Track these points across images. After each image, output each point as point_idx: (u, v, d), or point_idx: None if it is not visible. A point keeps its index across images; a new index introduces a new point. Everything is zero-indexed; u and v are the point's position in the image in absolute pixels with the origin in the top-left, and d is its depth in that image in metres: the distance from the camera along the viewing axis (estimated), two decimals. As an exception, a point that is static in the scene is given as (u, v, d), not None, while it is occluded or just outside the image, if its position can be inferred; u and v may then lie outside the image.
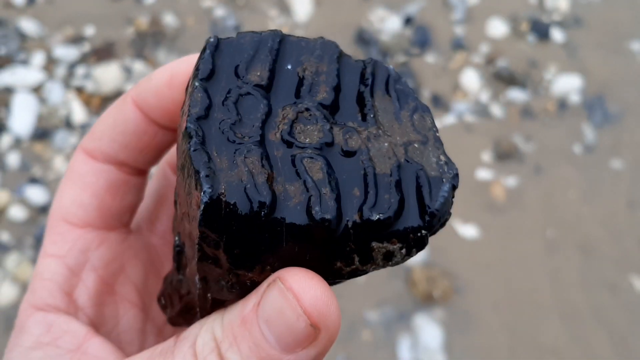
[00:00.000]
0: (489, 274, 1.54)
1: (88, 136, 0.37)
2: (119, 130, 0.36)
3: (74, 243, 0.35)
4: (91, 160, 0.37)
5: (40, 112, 1.73)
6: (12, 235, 1.59)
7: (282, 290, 0.26)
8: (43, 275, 0.35)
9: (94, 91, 1.75)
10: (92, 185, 0.36)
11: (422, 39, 1.83)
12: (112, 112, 0.37)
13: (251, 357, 0.26)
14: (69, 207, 0.36)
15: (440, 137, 0.33)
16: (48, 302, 0.34)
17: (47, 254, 0.35)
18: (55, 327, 0.33)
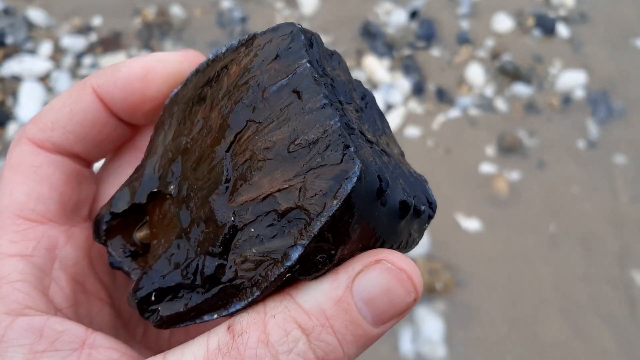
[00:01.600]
0: (491, 268, 1.55)
1: (34, 125, 0.34)
2: (75, 120, 0.34)
3: (39, 241, 0.32)
4: (43, 151, 0.34)
5: (47, 101, 1.75)
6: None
7: (392, 270, 0.28)
8: (10, 277, 0.31)
9: (100, 81, 1.76)
10: (49, 177, 0.34)
11: (427, 32, 1.83)
12: (66, 101, 0.34)
13: (347, 335, 0.28)
14: (25, 202, 0.33)
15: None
16: (28, 305, 0.30)
17: (7, 254, 0.31)
18: (48, 329, 0.30)
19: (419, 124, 1.71)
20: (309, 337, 0.27)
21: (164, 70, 0.34)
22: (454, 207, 1.60)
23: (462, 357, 1.46)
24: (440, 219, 1.58)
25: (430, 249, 1.55)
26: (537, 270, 1.55)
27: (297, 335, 0.27)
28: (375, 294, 0.28)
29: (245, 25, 1.86)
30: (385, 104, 1.73)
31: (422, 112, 1.73)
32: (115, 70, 0.34)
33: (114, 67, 0.34)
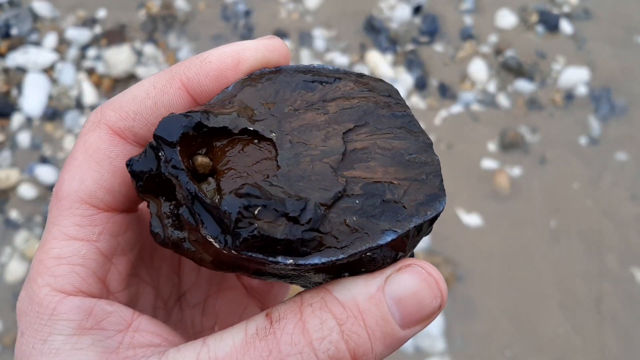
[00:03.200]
0: (491, 263, 1.56)
1: (115, 112, 0.34)
2: (158, 113, 0.34)
3: (104, 227, 0.33)
4: (121, 141, 0.34)
5: (52, 92, 1.75)
6: (21, 213, 1.61)
7: (422, 274, 0.31)
8: (71, 259, 0.32)
9: (104, 73, 1.77)
10: (122, 171, 0.34)
11: (431, 27, 1.83)
12: (151, 92, 0.34)
13: (376, 331, 0.30)
14: (95, 191, 0.33)
15: None
16: (81, 289, 0.32)
17: (71, 237, 0.32)
18: (97, 310, 0.32)
19: (421, 119, 1.71)
20: (341, 327, 0.29)
21: (254, 58, 0.35)
22: (455, 202, 1.61)
23: (461, 351, 1.47)
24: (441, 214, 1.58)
25: (430, 244, 1.56)
26: (538, 265, 1.56)
27: (332, 324, 0.29)
28: (404, 295, 0.30)
29: (249, 19, 1.86)
30: (388, 98, 1.73)
31: (424, 107, 1.73)
32: (204, 61, 0.34)
33: (201, 58, 0.35)
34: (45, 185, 1.64)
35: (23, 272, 1.54)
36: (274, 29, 1.85)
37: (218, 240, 0.29)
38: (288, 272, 0.31)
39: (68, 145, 1.69)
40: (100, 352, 0.31)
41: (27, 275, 0.33)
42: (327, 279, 0.32)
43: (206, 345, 0.30)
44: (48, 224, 0.33)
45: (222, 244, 0.29)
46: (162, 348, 0.32)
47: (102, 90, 1.76)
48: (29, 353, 0.31)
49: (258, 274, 0.32)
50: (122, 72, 1.75)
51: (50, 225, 0.33)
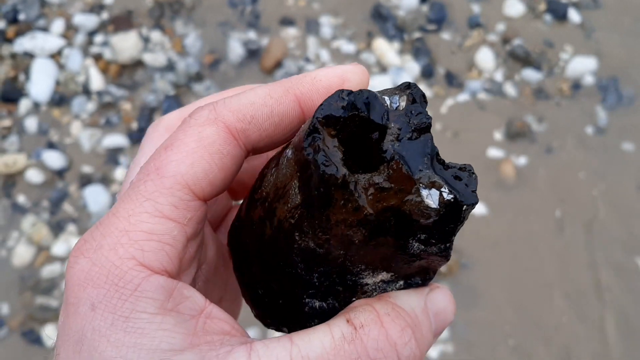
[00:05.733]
0: (496, 251, 1.56)
1: (232, 113, 0.35)
2: (272, 121, 0.36)
3: (195, 213, 0.34)
4: (233, 140, 0.35)
5: (59, 78, 1.76)
6: (28, 198, 1.62)
7: (449, 295, 0.37)
8: (163, 238, 0.32)
9: (111, 59, 1.77)
10: (228, 168, 0.35)
11: (438, 15, 1.82)
12: (268, 100, 0.36)
13: (425, 337, 0.35)
14: (200, 180, 0.34)
15: None
16: (166, 269, 0.32)
17: (166, 215, 0.33)
18: (177, 293, 0.32)
19: (427, 108, 1.71)
20: (414, 334, 0.34)
21: (355, 80, 0.37)
22: (461, 190, 1.61)
23: (464, 338, 1.48)
24: (446, 202, 1.58)
25: (435, 232, 1.56)
26: (542, 254, 1.56)
27: (409, 332, 0.34)
28: (439, 310, 0.37)
29: (256, 6, 1.86)
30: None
31: (431, 96, 1.73)
32: (315, 79, 0.36)
33: (310, 76, 0.37)
34: (52, 170, 1.64)
35: (30, 257, 1.55)
36: (281, 16, 1.85)
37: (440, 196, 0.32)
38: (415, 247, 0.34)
39: (75, 130, 1.70)
40: (184, 334, 0.31)
41: (92, 243, 0.32)
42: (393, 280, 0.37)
43: (295, 345, 0.32)
44: (137, 195, 0.33)
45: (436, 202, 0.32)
46: (234, 338, 0.33)
47: (108, 76, 1.76)
48: (105, 330, 0.30)
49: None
50: (129, 59, 1.76)
51: (142, 199, 0.33)
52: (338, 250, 0.33)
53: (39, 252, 1.56)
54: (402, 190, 0.32)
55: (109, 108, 1.73)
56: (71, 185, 1.63)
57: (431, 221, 0.32)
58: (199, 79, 1.75)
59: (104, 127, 1.71)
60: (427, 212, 0.31)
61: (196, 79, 1.75)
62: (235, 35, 1.81)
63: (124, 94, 1.74)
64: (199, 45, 1.80)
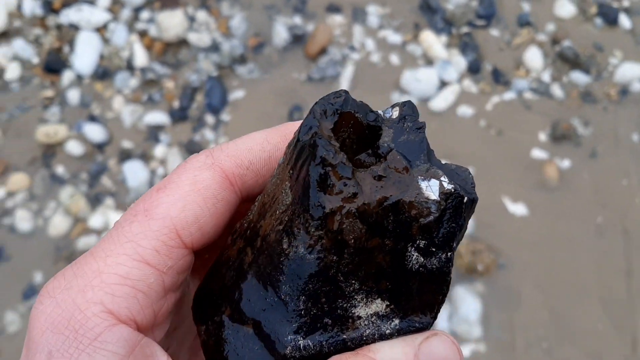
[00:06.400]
0: (534, 253, 1.54)
1: (230, 159, 0.35)
2: (270, 166, 0.35)
3: (177, 262, 0.32)
4: (229, 186, 0.34)
5: (103, 52, 1.76)
6: (67, 169, 1.62)
7: (448, 341, 0.32)
8: (137, 285, 0.30)
9: (156, 36, 1.76)
10: (220, 215, 0.34)
11: (488, 11, 1.80)
12: (265, 146, 0.35)
13: None
14: (190, 225, 0.32)
15: None
16: (135, 319, 0.30)
17: (145, 260, 0.31)
18: (139, 350, 0.30)
19: (472, 104, 1.69)
20: None
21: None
22: (502, 190, 1.59)
23: (498, 339, 1.46)
24: (486, 200, 1.56)
25: (474, 230, 1.54)
26: (581, 259, 1.54)
27: None
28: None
29: (303, -9, 1.85)
30: (440, 80, 1.71)
31: (476, 92, 1.71)
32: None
33: None
34: (93, 143, 1.64)
35: (66, 227, 1.55)
36: (328, 2, 1.83)
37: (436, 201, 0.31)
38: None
39: (117, 105, 1.70)
40: None
41: (62, 283, 0.30)
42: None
43: None
44: (120, 236, 0.31)
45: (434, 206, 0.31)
46: None
47: (152, 54, 1.76)
48: None
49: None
50: (173, 37, 1.75)
51: (124, 239, 0.31)
52: (330, 256, 0.31)
53: (75, 223, 1.56)
54: (401, 182, 0.31)
55: (151, 85, 1.73)
56: (111, 160, 1.63)
57: (431, 219, 0.30)
58: (242, 61, 1.74)
59: (145, 103, 1.70)
60: (427, 206, 0.30)
61: (240, 61, 1.74)
62: (280, 20, 1.80)
63: (167, 72, 1.74)
64: (244, 28, 1.79)
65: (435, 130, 1.65)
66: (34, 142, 1.64)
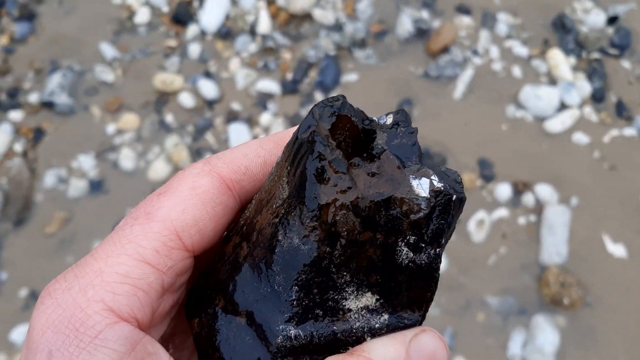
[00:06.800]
0: (624, 298, 1.47)
1: (227, 165, 0.36)
2: (265, 171, 0.37)
3: (176, 263, 0.33)
4: (227, 191, 0.35)
5: (230, 12, 1.79)
6: (176, 119, 1.67)
7: (437, 338, 0.33)
8: (137, 283, 0.31)
9: (283, 6, 1.78)
10: (219, 218, 0.35)
11: (623, 41, 1.72)
12: (260, 152, 0.37)
13: None
14: (189, 227, 0.33)
15: None
16: (136, 316, 0.31)
17: (146, 260, 0.32)
18: (141, 347, 0.30)
19: (589, 133, 1.62)
20: None
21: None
22: (603, 226, 1.52)
23: (570, 377, 1.41)
24: (585, 234, 1.50)
25: (567, 261, 1.48)
26: (675, 316, 1.46)
27: None
28: (425, 357, 0.33)
29: (436, -13, 1.81)
30: (560, 102, 1.64)
31: (596, 121, 1.64)
32: None
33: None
34: (204, 98, 1.68)
35: (166, 174, 1.60)
36: (458, 2, 1.79)
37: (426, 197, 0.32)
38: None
39: (233, 66, 1.73)
40: None
41: (63, 284, 0.31)
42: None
43: None
44: (121, 238, 0.32)
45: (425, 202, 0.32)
46: None
47: (276, 22, 1.78)
48: None
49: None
50: (299, 9, 1.76)
51: (125, 241, 0.32)
52: (324, 247, 0.31)
53: (174, 171, 1.60)
54: (393, 180, 0.32)
55: (269, 53, 1.75)
56: (218, 118, 1.67)
57: (421, 215, 0.31)
58: (362, 45, 1.74)
59: (260, 70, 1.73)
60: (417, 202, 0.31)
61: (360, 45, 1.74)
62: (407, 11, 1.77)
63: (287, 43, 1.75)
64: (370, 13, 1.78)
65: (545, 152, 1.59)
66: (150, 87, 1.70)
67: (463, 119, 1.64)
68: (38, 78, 1.72)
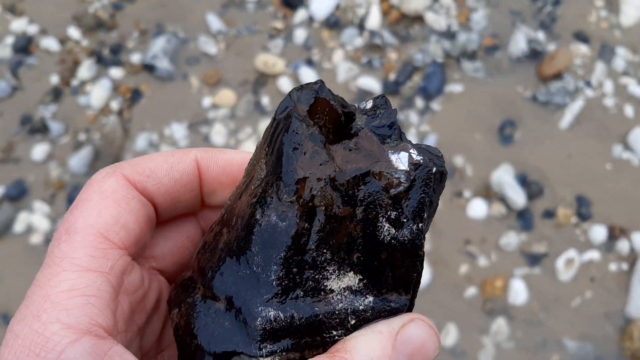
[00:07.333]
0: None
1: (131, 167, 0.36)
2: (171, 177, 0.37)
3: (116, 262, 0.33)
4: (135, 189, 0.36)
5: (340, 2, 1.75)
6: (272, 102, 1.65)
7: (425, 327, 0.32)
8: (85, 291, 0.31)
9: (396, 4, 1.73)
10: (137, 211, 0.35)
11: None
12: (169, 158, 0.37)
13: None
14: (112, 225, 0.34)
15: None
16: (98, 322, 0.30)
17: (84, 267, 0.31)
18: (107, 358, 0.29)
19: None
20: None
21: (241, 163, 0.39)
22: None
23: None
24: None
25: (655, 317, 1.41)
26: None
27: None
28: (414, 350, 0.31)
29: (557, 8, 1.74)
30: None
31: None
32: (219, 151, 0.38)
33: (217, 149, 0.39)
34: (303, 86, 1.65)
35: (254, 156, 1.58)
36: (577, 29, 1.72)
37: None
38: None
39: (336, 58, 1.69)
40: None
41: (17, 317, 0.30)
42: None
43: None
44: (54, 259, 0.32)
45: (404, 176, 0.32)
46: None
47: (386, 20, 1.73)
48: None
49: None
50: (412, 10, 1.71)
51: (58, 260, 0.31)
52: (302, 223, 0.31)
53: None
54: (371, 155, 0.32)
55: (375, 50, 1.71)
56: (314, 108, 1.64)
57: (401, 189, 0.31)
58: (472, 57, 1.68)
59: (363, 66, 1.69)
60: (396, 176, 0.31)
61: (469, 56, 1.68)
62: (523, 29, 1.71)
63: (394, 43, 1.71)
64: (484, 24, 1.72)
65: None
66: (251, 65, 1.68)
67: (566, 151, 1.58)
68: (142, 39, 1.72)
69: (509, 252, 1.48)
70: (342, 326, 0.32)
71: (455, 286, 1.46)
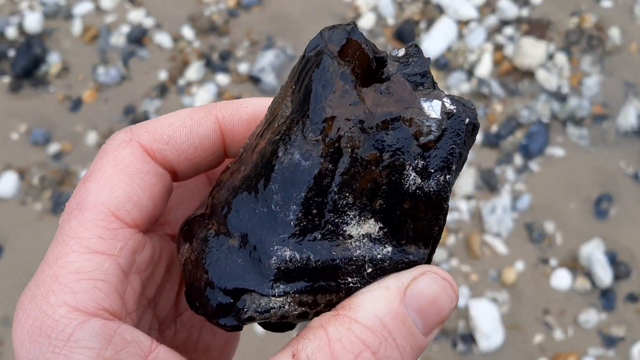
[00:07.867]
0: None
1: (148, 134, 0.34)
2: (191, 142, 0.35)
3: (126, 242, 0.32)
4: (152, 160, 0.34)
5: (453, 45, 1.74)
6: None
7: (438, 280, 0.30)
8: (92, 274, 0.30)
9: (509, 56, 1.71)
10: (151, 187, 0.34)
11: None
12: (187, 122, 0.35)
13: (406, 347, 0.29)
14: (124, 203, 0.32)
15: None
16: (104, 306, 0.30)
17: (93, 250, 0.31)
18: (117, 337, 0.29)
19: None
20: (376, 355, 0.29)
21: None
22: None
23: None
24: None
25: None
26: None
27: (367, 356, 0.29)
28: (425, 304, 0.30)
29: (674, 87, 1.69)
30: None
31: None
32: (240, 105, 0.36)
33: (235, 102, 0.37)
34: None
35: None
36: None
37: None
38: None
39: (440, 100, 1.68)
40: None
41: (28, 294, 0.30)
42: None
43: None
44: (64, 236, 0.31)
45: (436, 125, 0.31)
46: None
47: (497, 70, 1.71)
48: None
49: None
50: (525, 65, 1.69)
51: (67, 238, 0.31)
52: (326, 163, 0.30)
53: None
54: (403, 100, 0.31)
55: (480, 98, 1.69)
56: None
57: (431, 137, 0.30)
58: (578, 123, 1.65)
59: (466, 112, 1.67)
60: (427, 124, 0.30)
61: (576, 122, 1.65)
62: (635, 102, 1.66)
63: (501, 95, 1.69)
64: (595, 91, 1.68)
65: None
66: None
67: (663, 237, 1.53)
68: (251, 49, 1.74)
69: (586, 330, 1.45)
70: (358, 273, 0.31)
71: (527, 353, 1.44)
